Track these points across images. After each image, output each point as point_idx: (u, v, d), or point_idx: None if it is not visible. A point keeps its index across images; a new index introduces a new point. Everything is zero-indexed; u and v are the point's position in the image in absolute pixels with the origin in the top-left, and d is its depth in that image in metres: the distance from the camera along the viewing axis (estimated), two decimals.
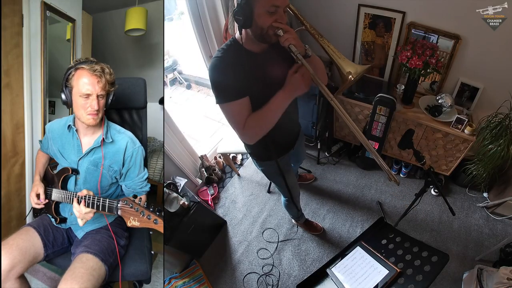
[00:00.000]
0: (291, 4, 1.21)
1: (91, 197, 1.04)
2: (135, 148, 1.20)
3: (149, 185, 1.27)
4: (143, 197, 1.24)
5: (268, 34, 0.98)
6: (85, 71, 1.06)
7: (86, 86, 1.05)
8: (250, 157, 1.51)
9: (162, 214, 0.97)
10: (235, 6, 0.96)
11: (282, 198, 1.93)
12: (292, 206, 1.94)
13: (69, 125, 1.17)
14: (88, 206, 1.04)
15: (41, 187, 1.23)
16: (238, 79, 1.01)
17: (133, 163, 1.20)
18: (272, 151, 1.25)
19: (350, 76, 1.08)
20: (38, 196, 1.22)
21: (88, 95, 1.06)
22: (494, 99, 1.86)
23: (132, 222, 0.97)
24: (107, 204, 1.02)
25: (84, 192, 1.05)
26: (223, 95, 1.03)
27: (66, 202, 1.17)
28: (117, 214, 1.00)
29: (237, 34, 1.07)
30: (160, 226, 0.96)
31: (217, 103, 1.06)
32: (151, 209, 0.98)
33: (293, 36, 0.96)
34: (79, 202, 1.04)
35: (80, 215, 1.04)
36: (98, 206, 1.03)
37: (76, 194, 1.07)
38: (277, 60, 1.10)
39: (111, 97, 1.15)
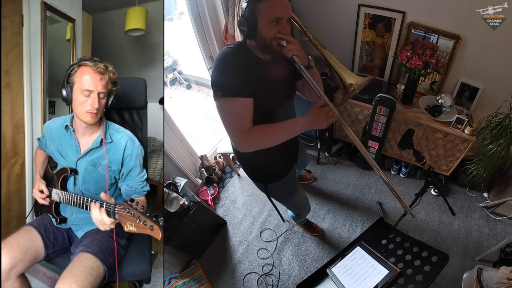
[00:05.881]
0: (293, 12, 1.21)
1: (88, 200, 1.03)
2: (134, 147, 1.19)
3: (148, 185, 1.27)
4: (142, 199, 1.24)
5: (271, 45, 0.99)
6: (88, 68, 1.06)
7: (88, 82, 1.05)
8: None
9: (160, 220, 0.93)
10: (239, 16, 0.98)
11: (289, 212, 1.95)
12: (298, 218, 1.96)
13: (66, 125, 1.17)
14: (85, 209, 1.02)
15: (42, 183, 1.23)
16: (246, 76, 0.98)
17: (133, 162, 1.20)
18: (274, 173, 1.31)
19: (352, 87, 1.10)
20: (42, 192, 1.22)
21: (89, 92, 1.06)
22: (494, 99, 1.86)
23: (129, 227, 0.95)
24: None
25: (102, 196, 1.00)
26: (229, 88, 0.96)
27: (65, 204, 1.17)
28: (114, 218, 0.99)
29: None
30: (156, 233, 0.92)
31: (221, 96, 0.97)
32: (147, 215, 0.94)
33: (296, 47, 0.97)
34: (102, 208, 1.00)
35: (100, 224, 1.01)
36: None
37: (77, 196, 1.05)
38: (281, 68, 1.10)
39: (111, 98, 1.14)
